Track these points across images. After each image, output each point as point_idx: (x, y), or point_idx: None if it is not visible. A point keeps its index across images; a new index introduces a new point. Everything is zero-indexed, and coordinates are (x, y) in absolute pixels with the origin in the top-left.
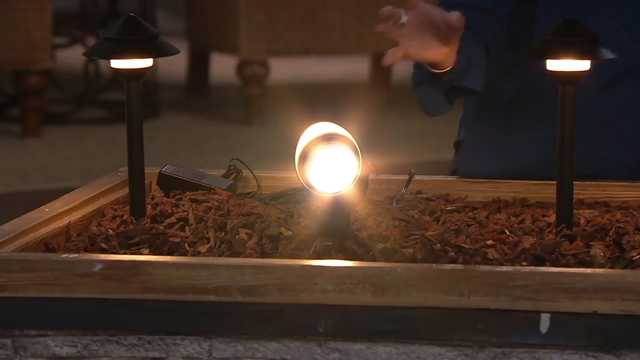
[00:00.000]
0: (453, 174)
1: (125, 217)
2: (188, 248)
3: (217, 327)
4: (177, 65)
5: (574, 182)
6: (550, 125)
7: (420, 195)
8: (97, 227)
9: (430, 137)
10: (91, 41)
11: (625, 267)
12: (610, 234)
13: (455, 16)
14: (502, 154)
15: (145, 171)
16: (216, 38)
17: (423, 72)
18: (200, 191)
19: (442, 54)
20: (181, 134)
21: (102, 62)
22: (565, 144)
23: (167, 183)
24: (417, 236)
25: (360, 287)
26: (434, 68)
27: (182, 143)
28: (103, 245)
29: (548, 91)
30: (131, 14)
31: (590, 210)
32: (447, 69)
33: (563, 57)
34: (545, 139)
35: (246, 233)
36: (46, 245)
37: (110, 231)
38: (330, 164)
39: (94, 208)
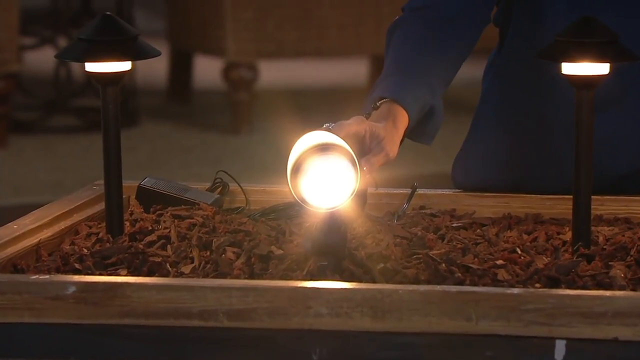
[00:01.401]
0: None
1: (100, 235)
2: (170, 268)
3: (202, 354)
4: (157, 68)
5: (592, 197)
6: (548, 133)
7: (423, 211)
8: (70, 245)
9: (436, 147)
10: (62, 42)
11: None
12: (632, 253)
13: (379, 159)
14: (498, 162)
15: (123, 184)
16: (200, 39)
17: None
18: (183, 206)
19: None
20: (162, 143)
21: (75, 65)
22: (582, 154)
23: (147, 197)
24: (421, 255)
25: (359, 311)
26: None
27: (163, 154)
28: (77, 265)
29: (552, 96)
30: (107, 13)
31: (610, 228)
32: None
33: (580, 59)
34: (545, 148)
35: (233, 252)
36: (14, 265)
37: (85, 250)
38: (326, 177)
39: (66, 225)
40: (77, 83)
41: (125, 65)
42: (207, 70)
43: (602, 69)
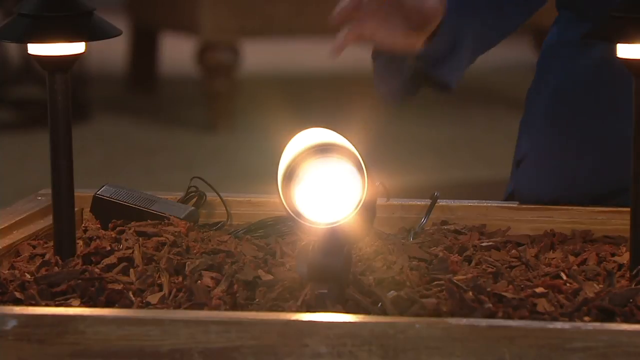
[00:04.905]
0: (508, 199)
1: (47, 257)
2: (133, 298)
3: None
4: (114, 51)
5: None
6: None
7: (446, 227)
8: (9, 270)
9: (461, 148)
10: None
11: None
12: None
13: (432, 2)
14: (574, 171)
15: (75, 194)
16: (168, 13)
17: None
18: (149, 221)
19: (409, 44)
20: (121, 143)
21: (12, 46)
22: None
23: (105, 210)
24: (442, 281)
25: (366, 350)
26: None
27: (122, 156)
28: (17, 294)
29: (614, 82)
30: None
31: None
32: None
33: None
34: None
35: (212, 277)
36: None
37: (28, 275)
38: (325, 185)
39: (4, 244)
40: (13, 69)
41: (77, 47)
42: (176, 52)
43: None
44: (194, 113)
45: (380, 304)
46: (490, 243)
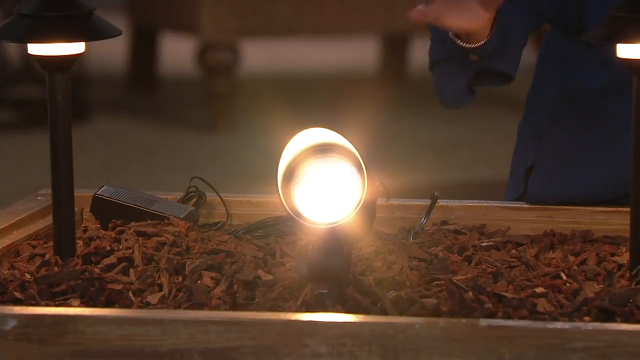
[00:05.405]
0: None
1: (47, 257)
2: (133, 298)
3: None
4: (114, 50)
5: None
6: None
7: (446, 227)
8: (9, 269)
9: (462, 148)
10: None
11: None
12: None
13: None
14: (589, 171)
15: (75, 194)
16: (168, 13)
17: (445, 47)
18: (149, 221)
19: (479, 21)
20: (121, 143)
21: (11, 46)
22: None
23: (105, 210)
24: (442, 281)
25: (366, 350)
26: (462, 41)
27: (122, 156)
28: (17, 294)
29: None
30: None
31: None
32: (479, 44)
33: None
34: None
35: (212, 277)
36: None
37: (28, 275)
38: (325, 185)
39: (4, 244)
40: (13, 69)
41: (77, 47)
42: (176, 52)
43: None
44: (194, 113)
45: (380, 304)
46: (490, 243)
